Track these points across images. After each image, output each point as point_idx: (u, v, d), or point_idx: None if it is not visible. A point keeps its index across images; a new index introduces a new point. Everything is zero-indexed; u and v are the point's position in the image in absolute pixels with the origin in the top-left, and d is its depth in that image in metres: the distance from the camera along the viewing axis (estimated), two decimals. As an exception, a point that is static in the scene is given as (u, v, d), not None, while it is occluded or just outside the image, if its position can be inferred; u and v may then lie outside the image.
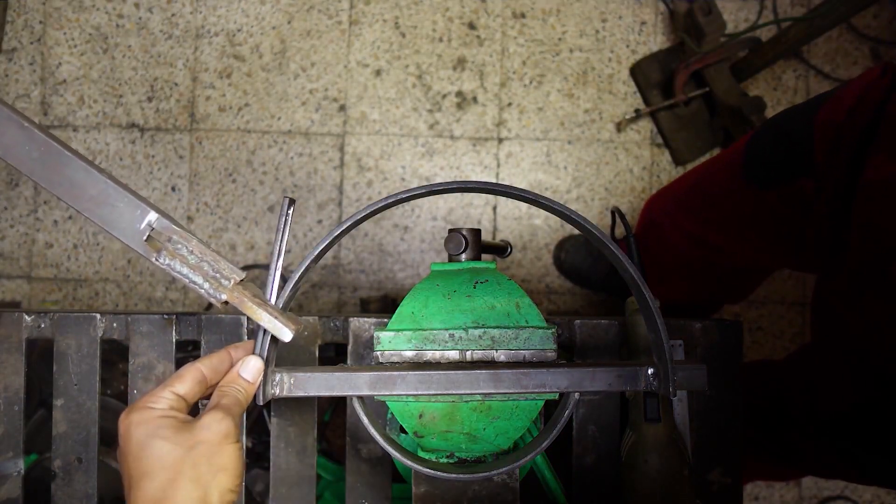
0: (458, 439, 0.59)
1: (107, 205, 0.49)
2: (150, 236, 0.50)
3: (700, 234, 1.10)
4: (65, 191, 0.49)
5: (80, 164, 0.49)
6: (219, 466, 0.48)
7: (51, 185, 0.49)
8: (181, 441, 0.47)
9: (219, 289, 0.50)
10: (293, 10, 1.64)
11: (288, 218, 0.51)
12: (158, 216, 0.50)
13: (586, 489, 0.75)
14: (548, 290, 1.61)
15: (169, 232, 0.50)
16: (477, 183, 0.51)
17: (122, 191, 0.49)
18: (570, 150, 1.62)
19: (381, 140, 1.62)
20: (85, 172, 0.49)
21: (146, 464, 0.47)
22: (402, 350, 0.59)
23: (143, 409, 0.49)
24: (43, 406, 1.20)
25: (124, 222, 0.50)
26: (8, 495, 0.78)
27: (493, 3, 1.64)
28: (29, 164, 0.49)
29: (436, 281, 0.62)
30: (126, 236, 0.50)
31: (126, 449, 0.48)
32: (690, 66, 1.50)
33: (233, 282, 0.50)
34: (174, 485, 0.46)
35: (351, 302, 1.61)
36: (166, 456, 0.47)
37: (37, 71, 1.65)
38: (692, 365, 0.54)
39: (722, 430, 0.76)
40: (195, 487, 0.47)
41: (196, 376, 0.52)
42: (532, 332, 0.59)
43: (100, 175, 0.49)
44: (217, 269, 0.50)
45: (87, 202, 0.49)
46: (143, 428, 0.48)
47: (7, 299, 1.62)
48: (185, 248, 0.50)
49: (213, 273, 0.50)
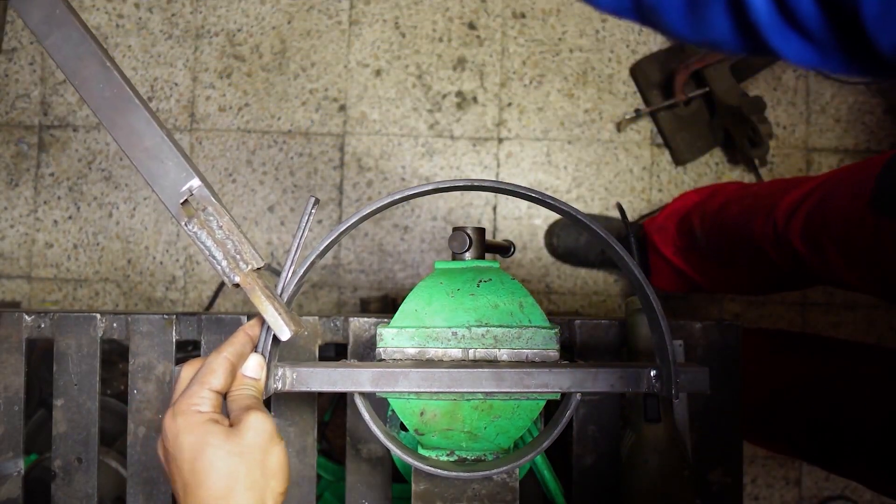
0: (458, 438, 0.59)
1: (157, 160, 0.50)
2: (186, 201, 0.51)
3: (803, 254, 1.04)
4: (123, 135, 0.50)
5: (145, 115, 0.50)
6: (270, 471, 0.49)
7: (112, 126, 0.50)
8: (232, 448, 0.48)
9: (235, 270, 0.51)
10: (293, 10, 1.64)
11: (311, 217, 0.52)
12: (201, 185, 0.51)
13: (586, 489, 0.75)
14: (548, 290, 1.61)
15: (206, 202, 0.51)
16: (486, 181, 0.51)
17: (175, 151, 0.50)
18: (570, 150, 1.62)
19: (381, 140, 1.62)
20: (146, 124, 0.50)
21: (201, 473, 0.48)
22: (404, 347, 0.60)
23: (189, 413, 0.49)
24: (43, 406, 1.20)
25: (168, 181, 0.50)
26: (8, 495, 0.77)
27: (493, 3, 1.64)
28: (99, 101, 0.50)
29: (439, 279, 0.62)
30: (165, 194, 0.50)
31: (178, 456, 0.49)
32: (690, 66, 1.50)
33: (250, 267, 0.51)
34: (232, 493, 0.47)
35: (351, 302, 1.61)
36: (220, 464, 0.48)
37: (37, 71, 1.65)
38: (695, 368, 0.54)
39: (722, 430, 0.76)
40: (252, 494, 0.48)
41: (227, 367, 0.52)
42: (535, 331, 0.59)
43: (159, 130, 0.50)
44: (239, 250, 0.51)
45: (140, 152, 0.50)
46: (193, 435, 0.48)
47: (7, 299, 1.62)
48: (216, 222, 0.51)
49: (234, 253, 0.51)
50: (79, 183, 1.63)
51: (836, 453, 1.06)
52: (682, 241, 1.37)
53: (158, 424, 0.76)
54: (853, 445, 1.01)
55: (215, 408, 0.51)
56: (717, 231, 1.27)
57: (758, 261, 1.17)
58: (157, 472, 0.76)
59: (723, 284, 1.38)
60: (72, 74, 0.49)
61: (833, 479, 1.57)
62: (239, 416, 0.50)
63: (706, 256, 1.32)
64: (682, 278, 1.42)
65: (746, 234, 1.16)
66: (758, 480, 1.58)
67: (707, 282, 1.38)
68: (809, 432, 1.10)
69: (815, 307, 1.60)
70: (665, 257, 1.41)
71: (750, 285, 1.35)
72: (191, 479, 0.48)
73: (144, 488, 0.76)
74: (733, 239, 1.22)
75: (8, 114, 1.65)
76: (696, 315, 1.62)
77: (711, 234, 1.29)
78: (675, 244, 1.38)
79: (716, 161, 1.63)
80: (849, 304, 1.59)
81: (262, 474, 0.49)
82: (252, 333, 0.55)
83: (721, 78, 1.52)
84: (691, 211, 1.37)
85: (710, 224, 1.29)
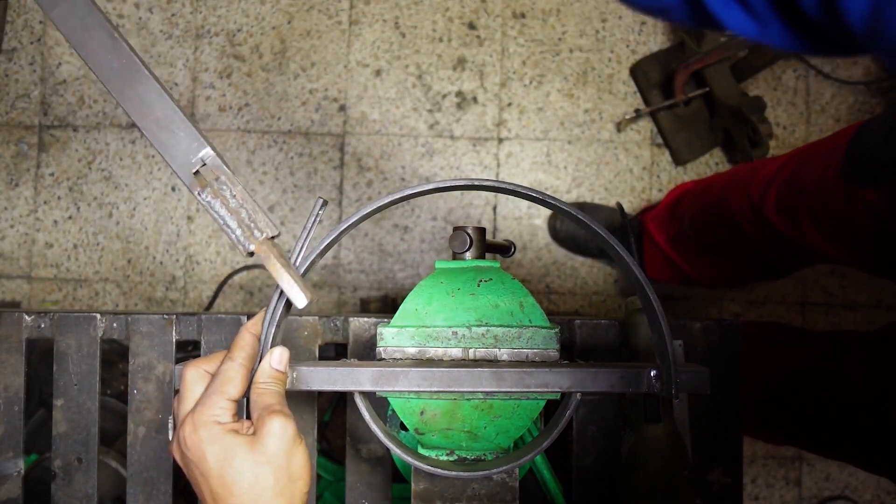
0: (458, 437, 0.59)
1: (168, 130, 0.50)
2: (199, 171, 0.51)
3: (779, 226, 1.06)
4: (133, 106, 0.50)
5: (155, 86, 0.50)
6: (296, 474, 0.51)
7: (122, 97, 0.50)
8: (258, 458, 0.49)
9: (250, 238, 0.51)
10: (293, 10, 1.64)
11: (318, 219, 0.52)
12: (213, 154, 0.51)
13: (586, 489, 0.75)
14: (548, 291, 1.61)
15: (218, 171, 0.51)
16: (487, 181, 0.51)
17: (186, 121, 0.50)
18: (570, 150, 1.62)
19: (381, 140, 1.62)
20: (157, 95, 0.50)
21: (231, 484, 0.49)
22: (404, 346, 0.60)
23: (210, 425, 0.50)
24: (43, 406, 1.20)
25: (180, 151, 0.51)
26: (8, 495, 0.77)
27: (493, 3, 1.64)
28: (108, 72, 0.50)
29: (440, 278, 0.62)
30: (177, 164, 0.51)
31: (202, 465, 0.50)
32: (690, 66, 1.50)
33: (265, 235, 0.51)
34: (261, 500, 0.49)
35: (351, 302, 1.61)
36: (248, 473, 0.49)
37: (37, 71, 1.65)
38: (695, 368, 0.54)
39: (722, 431, 0.76)
40: (281, 500, 0.49)
41: (244, 374, 0.53)
42: (535, 331, 0.59)
43: (170, 101, 0.50)
44: (253, 219, 0.51)
45: (151, 122, 0.50)
46: (216, 446, 0.49)
47: (7, 299, 1.62)
48: (229, 192, 0.51)
49: (248, 222, 0.51)
50: (79, 183, 1.63)
51: (827, 439, 1.08)
52: (673, 228, 1.38)
53: (159, 424, 0.76)
54: (844, 429, 1.02)
55: (235, 416, 0.51)
56: (699, 211, 1.30)
57: (738, 240, 1.19)
58: (157, 472, 0.76)
59: (708, 274, 1.40)
60: (79, 45, 0.50)
61: (833, 479, 1.57)
62: (261, 420, 0.50)
63: (693, 242, 1.34)
64: (673, 268, 1.43)
65: (726, 212, 1.18)
66: (758, 480, 1.58)
67: (695, 271, 1.40)
68: (798, 421, 1.11)
69: (815, 307, 1.60)
70: (658, 245, 1.42)
71: (733, 274, 1.36)
72: (220, 490, 0.49)
73: (144, 488, 0.76)
74: (714, 219, 1.24)
75: (8, 114, 1.65)
76: (696, 315, 1.62)
77: (695, 215, 1.31)
78: (667, 232, 1.40)
79: (716, 161, 1.63)
80: (849, 303, 1.59)
81: (288, 479, 0.50)
82: (255, 332, 0.55)
83: (721, 78, 1.52)
84: (683, 196, 1.39)
85: (695, 206, 1.32)
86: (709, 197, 1.28)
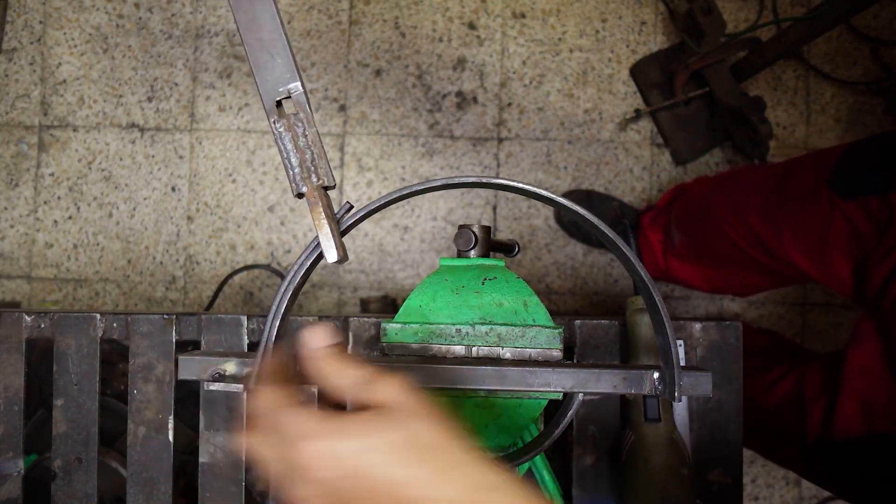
0: (460, 438, 0.59)
1: (268, 52, 0.50)
2: (281, 103, 0.51)
3: (760, 233, 1.07)
4: (244, 19, 0.51)
5: (270, 8, 0.50)
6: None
7: (237, 8, 0.50)
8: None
9: (305, 180, 0.51)
10: (293, 10, 1.64)
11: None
12: (301, 91, 0.51)
13: (586, 489, 0.75)
14: (548, 291, 1.61)
15: (300, 108, 0.51)
16: (492, 178, 0.51)
17: (288, 52, 0.51)
18: (570, 150, 1.62)
19: (381, 140, 1.62)
20: (270, 16, 0.50)
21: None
22: (408, 343, 0.60)
23: (318, 481, 0.40)
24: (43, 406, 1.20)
25: (272, 76, 0.51)
26: (8, 495, 0.77)
27: (493, 3, 1.64)
28: None
29: (444, 276, 0.62)
30: (265, 88, 0.51)
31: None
32: (690, 66, 1.51)
33: (321, 183, 0.51)
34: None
35: (351, 302, 1.61)
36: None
37: (37, 71, 1.65)
38: (698, 371, 0.54)
39: (722, 430, 0.76)
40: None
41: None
42: (539, 330, 0.59)
43: (279, 27, 0.50)
44: (316, 164, 0.51)
45: (255, 40, 0.51)
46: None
47: (7, 299, 1.62)
48: (303, 130, 0.51)
49: (309, 164, 0.51)
50: (79, 183, 1.63)
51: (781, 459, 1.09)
52: (665, 231, 1.39)
53: (159, 424, 0.76)
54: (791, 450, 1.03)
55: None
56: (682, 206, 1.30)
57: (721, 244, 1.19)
58: (157, 472, 0.76)
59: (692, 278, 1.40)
60: None
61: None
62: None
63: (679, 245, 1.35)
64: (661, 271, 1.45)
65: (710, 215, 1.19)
66: (758, 480, 1.58)
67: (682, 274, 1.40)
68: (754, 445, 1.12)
69: (815, 307, 1.60)
70: (651, 246, 1.43)
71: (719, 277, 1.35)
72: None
73: (144, 488, 0.76)
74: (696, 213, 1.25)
75: (8, 114, 1.64)
76: (696, 315, 1.62)
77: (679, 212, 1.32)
78: (661, 228, 1.42)
79: (716, 161, 1.63)
80: (848, 303, 1.59)
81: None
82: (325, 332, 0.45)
83: (721, 78, 1.52)
84: (676, 192, 1.39)
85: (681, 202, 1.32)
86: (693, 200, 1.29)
